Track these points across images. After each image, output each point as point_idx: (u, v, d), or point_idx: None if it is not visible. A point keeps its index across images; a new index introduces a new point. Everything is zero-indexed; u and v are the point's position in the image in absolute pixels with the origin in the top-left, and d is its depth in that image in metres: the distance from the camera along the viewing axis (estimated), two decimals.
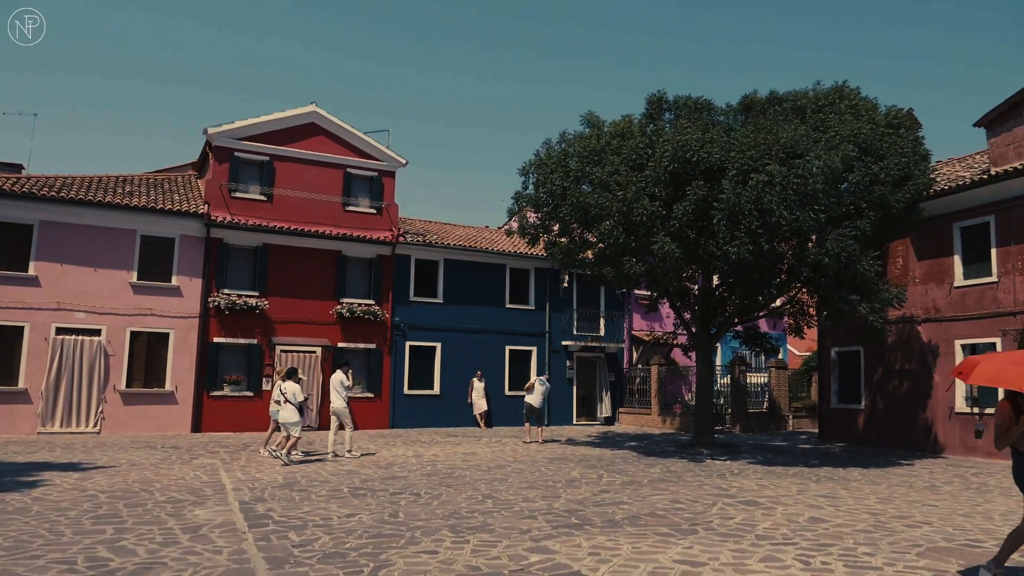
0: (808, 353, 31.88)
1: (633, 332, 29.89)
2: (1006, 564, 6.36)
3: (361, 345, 23.89)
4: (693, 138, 15.32)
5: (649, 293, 20.58)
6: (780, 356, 30.98)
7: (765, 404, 26.85)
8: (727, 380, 26.73)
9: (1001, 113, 18.47)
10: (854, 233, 14.73)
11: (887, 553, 7.55)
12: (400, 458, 15.63)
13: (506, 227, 31.17)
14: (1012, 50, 75.35)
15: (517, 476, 13.15)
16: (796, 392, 29.50)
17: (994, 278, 17.89)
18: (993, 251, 18.00)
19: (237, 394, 21.96)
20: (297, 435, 14.36)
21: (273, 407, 15.22)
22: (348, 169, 24.59)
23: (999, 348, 17.44)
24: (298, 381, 14.94)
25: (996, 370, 6.24)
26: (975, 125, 19.05)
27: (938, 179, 20.47)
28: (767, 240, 14.51)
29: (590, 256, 19.37)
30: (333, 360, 21.88)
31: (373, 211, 24.71)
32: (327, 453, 15.67)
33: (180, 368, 21.40)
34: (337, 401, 15.60)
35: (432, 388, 25.27)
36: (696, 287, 19.64)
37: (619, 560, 7.09)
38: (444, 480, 12.49)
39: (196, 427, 21.34)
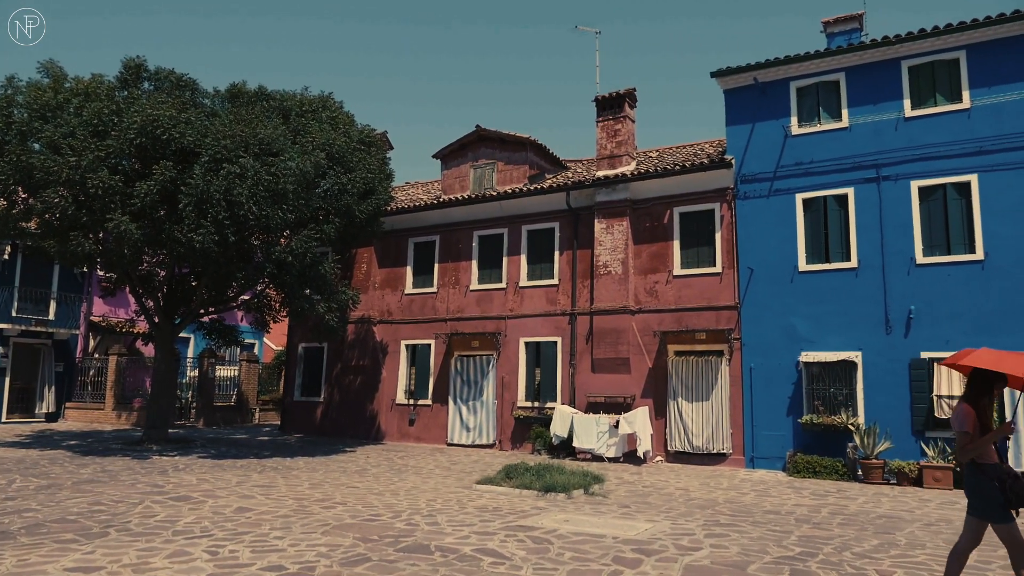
0: (282, 348, 32.77)
1: (92, 318, 26.63)
2: None
3: None
4: (166, 115, 14.38)
5: (110, 275, 18.62)
6: (255, 350, 31.23)
7: (234, 397, 26.64)
8: (197, 372, 25.75)
9: (453, 151, 21.88)
10: (319, 236, 15.65)
11: (296, 534, 8.07)
12: None
13: None
14: (471, 90, 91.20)
15: None
16: (267, 386, 30.04)
17: (435, 289, 21.00)
18: (436, 266, 21.14)
19: None
20: None
21: None
22: None
23: (433, 349, 20.51)
24: None
25: (994, 358, 5.52)
26: (433, 157, 22.20)
27: (401, 198, 23.22)
28: (234, 232, 14.42)
29: (34, 226, 16.59)
30: None
31: None
32: None
33: None
34: None
35: None
36: (164, 273, 18.43)
37: None
38: None
39: None
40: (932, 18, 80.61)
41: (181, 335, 21.24)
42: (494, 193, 20.10)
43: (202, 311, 18.58)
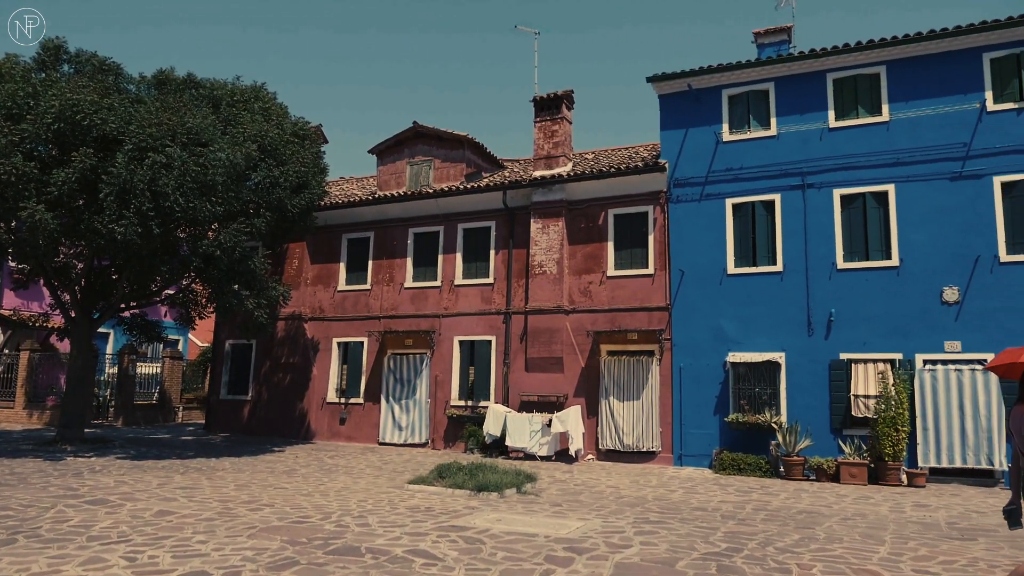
0: (208, 345, 31.77)
1: (2, 311, 25.17)
2: None
3: None
4: (87, 99, 13.71)
5: (23, 266, 17.68)
6: (180, 346, 30.21)
7: (155, 396, 25.68)
8: (116, 369, 24.70)
9: (390, 146, 21.63)
10: (249, 229, 15.22)
11: (221, 538, 7.82)
12: None
13: None
14: (408, 86, 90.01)
15: None
16: (192, 383, 29.08)
17: (368, 286, 20.72)
18: (370, 263, 20.86)
19: None
20: None
21: None
22: None
23: (366, 347, 20.23)
24: None
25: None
26: (369, 152, 21.90)
27: (335, 193, 22.82)
28: (159, 224, 13.88)
29: None
30: None
31: None
32: None
33: None
34: None
35: None
36: (82, 265, 17.59)
37: None
38: None
39: None
40: (859, 34, 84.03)
41: (100, 330, 20.35)
42: (430, 190, 19.96)
43: (123, 305, 17.83)
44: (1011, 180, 14.68)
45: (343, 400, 20.41)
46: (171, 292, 18.96)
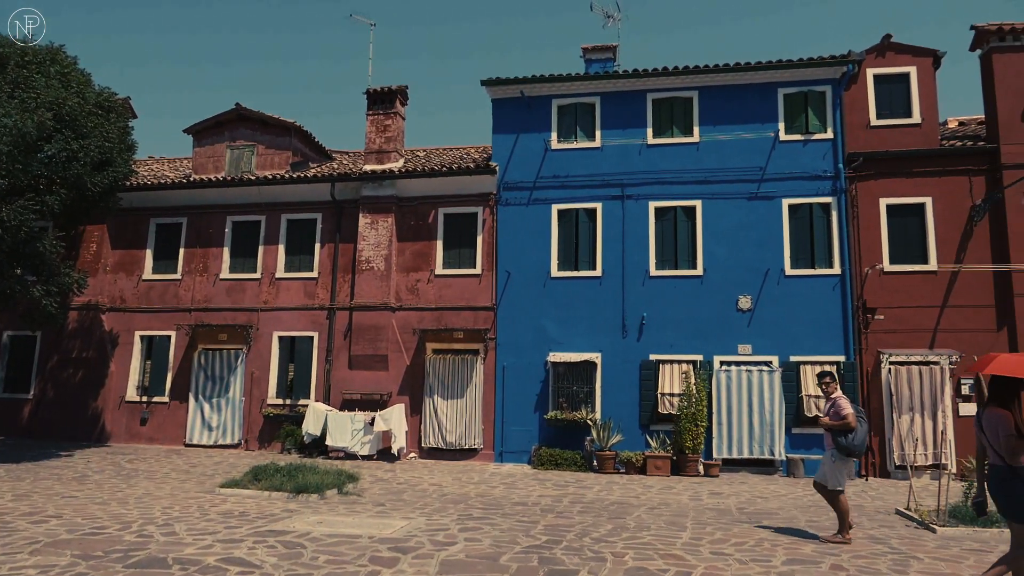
0: None
1: None
2: None
3: None
4: None
5: None
6: None
7: None
8: None
9: (208, 127, 20.26)
10: (38, 207, 13.59)
11: None
12: None
13: None
14: (231, 64, 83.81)
15: None
16: None
17: (178, 275, 19.24)
18: (182, 251, 19.38)
19: None
20: None
21: None
22: None
23: (174, 341, 18.76)
24: None
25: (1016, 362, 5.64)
26: (184, 131, 20.38)
27: (144, 173, 21.00)
28: None
29: None
30: None
31: None
32: None
33: None
34: None
35: None
36: None
37: None
38: None
39: None
40: (681, 58, 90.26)
41: None
42: (252, 177, 18.92)
43: None
44: (796, 203, 16.54)
45: (145, 399, 18.80)
46: None
